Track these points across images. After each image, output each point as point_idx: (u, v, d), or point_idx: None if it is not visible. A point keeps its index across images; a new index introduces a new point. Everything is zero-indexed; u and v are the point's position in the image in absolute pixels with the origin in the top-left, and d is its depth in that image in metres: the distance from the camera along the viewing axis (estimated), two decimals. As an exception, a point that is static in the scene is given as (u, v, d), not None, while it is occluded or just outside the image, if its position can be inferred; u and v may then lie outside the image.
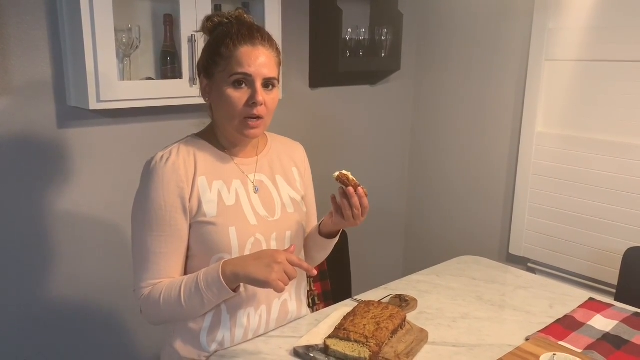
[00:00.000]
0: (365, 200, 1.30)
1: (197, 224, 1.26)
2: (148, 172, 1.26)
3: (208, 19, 1.30)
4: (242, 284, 1.25)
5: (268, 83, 1.25)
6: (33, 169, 1.83)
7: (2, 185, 1.78)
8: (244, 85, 1.24)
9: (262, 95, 1.23)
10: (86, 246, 1.98)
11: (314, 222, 1.54)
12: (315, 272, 1.23)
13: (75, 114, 1.88)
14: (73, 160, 1.90)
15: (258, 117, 1.25)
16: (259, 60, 1.23)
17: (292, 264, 1.17)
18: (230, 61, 1.23)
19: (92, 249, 1.99)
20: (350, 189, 1.28)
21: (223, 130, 1.32)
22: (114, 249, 2.03)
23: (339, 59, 2.42)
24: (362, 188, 1.29)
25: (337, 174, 1.29)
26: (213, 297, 1.20)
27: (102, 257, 2.02)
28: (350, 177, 1.29)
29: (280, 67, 1.32)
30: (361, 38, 2.56)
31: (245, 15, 1.29)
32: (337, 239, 1.46)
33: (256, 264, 1.16)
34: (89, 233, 1.97)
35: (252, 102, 1.23)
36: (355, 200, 1.28)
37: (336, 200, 1.32)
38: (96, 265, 2.01)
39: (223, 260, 1.21)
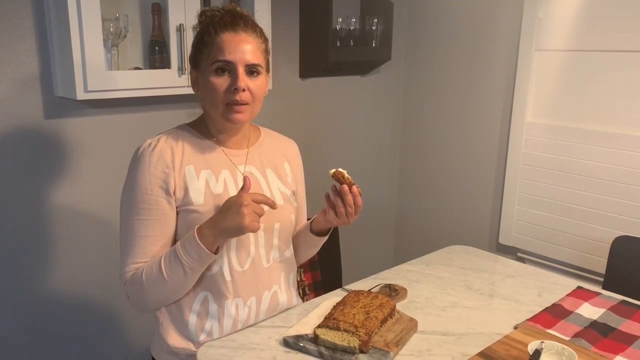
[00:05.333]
0: (359, 199, 1.31)
1: (184, 212, 1.26)
2: (136, 158, 1.26)
3: (202, 13, 1.30)
4: (221, 248, 1.25)
5: (252, 69, 1.25)
6: (19, 160, 1.81)
7: (-12, 177, 1.77)
8: (226, 72, 1.23)
9: (244, 81, 1.23)
10: (74, 237, 1.96)
11: (303, 220, 1.54)
12: (277, 206, 1.25)
13: (62, 104, 1.86)
14: (60, 150, 1.89)
15: (242, 103, 1.24)
16: (240, 47, 1.23)
17: (257, 202, 1.19)
18: (212, 48, 1.23)
19: (80, 239, 1.98)
20: (345, 186, 1.29)
21: (211, 119, 1.32)
22: (101, 239, 2.02)
23: (329, 49, 2.41)
24: (357, 187, 1.30)
25: (333, 170, 1.30)
26: (193, 263, 1.20)
27: (91, 247, 2.01)
28: (346, 175, 1.30)
29: (268, 55, 1.32)
30: (352, 28, 2.54)
31: (237, 8, 1.29)
32: (327, 237, 1.47)
33: (227, 216, 1.17)
34: (78, 224, 1.96)
35: (233, 88, 1.23)
36: (349, 198, 1.29)
37: (330, 197, 1.33)
38: (85, 256, 2.00)
39: (197, 226, 1.21)
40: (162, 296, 1.26)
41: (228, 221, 1.17)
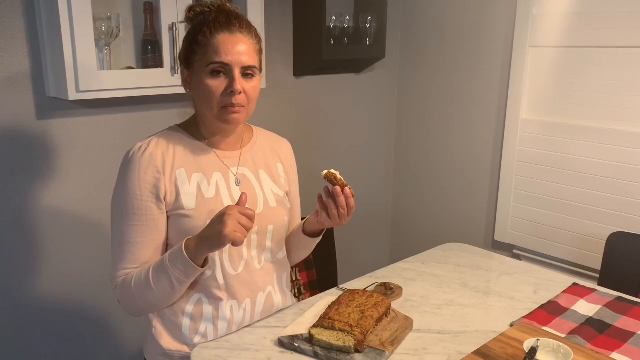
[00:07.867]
0: (352, 201, 1.29)
1: (175, 216, 1.25)
2: (126, 162, 1.25)
3: (190, 9, 1.28)
4: (215, 263, 1.26)
5: (247, 71, 1.24)
6: (11, 161, 1.80)
7: (-20, 178, 1.75)
8: (222, 74, 1.22)
9: (240, 83, 1.22)
10: (65, 238, 1.95)
11: (297, 219, 1.53)
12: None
13: (54, 104, 1.84)
14: (53, 151, 1.87)
15: (238, 106, 1.23)
16: (236, 48, 1.21)
17: (244, 214, 1.15)
18: (207, 49, 1.21)
19: (72, 240, 1.96)
20: (337, 188, 1.28)
21: (205, 120, 1.30)
22: (93, 240, 2.01)
23: (323, 47, 2.40)
24: (349, 188, 1.29)
25: (325, 172, 1.29)
26: (180, 275, 1.19)
27: (83, 249, 1.99)
28: (338, 176, 1.29)
29: (262, 56, 1.31)
30: (345, 26, 2.53)
31: (227, 5, 1.27)
32: (320, 238, 1.46)
33: (210, 226, 1.17)
34: (70, 226, 1.95)
35: (230, 90, 1.21)
36: (342, 200, 1.28)
37: (322, 199, 1.31)
38: (78, 259, 1.98)
39: (186, 238, 1.20)
40: (151, 303, 1.26)
41: (210, 230, 1.16)
